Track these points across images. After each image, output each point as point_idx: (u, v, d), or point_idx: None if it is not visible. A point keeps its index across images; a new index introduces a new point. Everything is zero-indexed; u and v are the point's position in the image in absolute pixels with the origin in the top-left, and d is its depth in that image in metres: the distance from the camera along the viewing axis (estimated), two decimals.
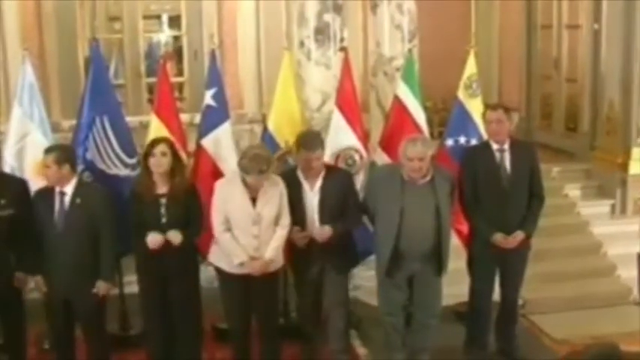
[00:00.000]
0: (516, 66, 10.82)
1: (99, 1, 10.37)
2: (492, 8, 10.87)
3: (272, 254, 5.45)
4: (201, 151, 6.39)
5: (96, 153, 6.26)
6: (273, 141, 6.43)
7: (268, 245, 5.44)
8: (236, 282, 5.48)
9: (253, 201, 5.41)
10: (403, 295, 5.69)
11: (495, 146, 5.90)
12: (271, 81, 7.27)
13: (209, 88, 6.44)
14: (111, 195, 5.60)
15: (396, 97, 6.67)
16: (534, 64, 10.61)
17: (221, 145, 6.28)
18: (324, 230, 5.60)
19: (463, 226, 6.23)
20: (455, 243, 6.10)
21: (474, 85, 6.74)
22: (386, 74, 7.51)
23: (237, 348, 5.76)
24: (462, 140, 6.69)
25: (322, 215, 5.66)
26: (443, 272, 5.63)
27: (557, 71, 10.13)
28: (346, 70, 6.61)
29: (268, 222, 5.43)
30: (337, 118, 6.55)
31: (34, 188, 5.60)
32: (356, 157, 6.55)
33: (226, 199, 5.41)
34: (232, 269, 5.46)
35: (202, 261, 5.84)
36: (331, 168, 5.97)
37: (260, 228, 5.41)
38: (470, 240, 6.13)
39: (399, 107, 6.62)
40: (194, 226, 5.55)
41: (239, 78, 8.66)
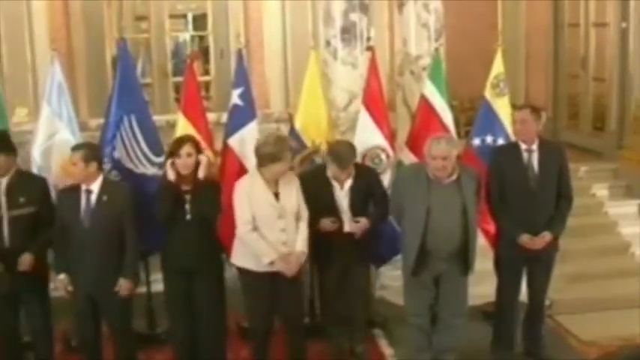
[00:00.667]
0: (543, 65, 10.75)
1: (126, 1, 10.47)
2: (519, 7, 10.83)
3: (302, 245, 5.49)
4: (227, 150, 6.41)
5: (123, 152, 6.29)
6: (300, 140, 6.44)
7: (295, 239, 5.46)
8: (262, 281, 5.48)
9: (275, 196, 5.44)
10: (429, 295, 5.67)
11: (524, 146, 5.86)
12: (298, 80, 7.29)
13: (236, 88, 6.45)
14: (136, 193, 5.61)
15: (423, 97, 6.66)
16: (561, 63, 10.54)
17: (247, 145, 6.28)
18: (362, 222, 5.69)
19: (490, 226, 6.20)
20: (482, 243, 6.08)
21: (501, 84, 6.71)
22: (412, 73, 7.50)
23: (257, 348, 5.75)
24: (489, 140, 6.67)
25: (354, 214, 5.74)
26: (469, 272, 5.59)
27: (584, 70, 10.04)
28: (373, 69, 6.60)
29: (292, 215, 5.47)
30: (364, 118, 6.55)
31: (61, 187, 5.63)
32: (383, 157, 6.55)
33: (250, 196, 5.42)
34: (260, 268, 5.46)
35: (227, 259, 5.85)
36: (360, 166, 5.98)
37: (286, 221, 5.43)
38: (497, 240, 6.10)
39: (426, 106, 6.61)
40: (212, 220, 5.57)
41: (265, 77, 8.70)
